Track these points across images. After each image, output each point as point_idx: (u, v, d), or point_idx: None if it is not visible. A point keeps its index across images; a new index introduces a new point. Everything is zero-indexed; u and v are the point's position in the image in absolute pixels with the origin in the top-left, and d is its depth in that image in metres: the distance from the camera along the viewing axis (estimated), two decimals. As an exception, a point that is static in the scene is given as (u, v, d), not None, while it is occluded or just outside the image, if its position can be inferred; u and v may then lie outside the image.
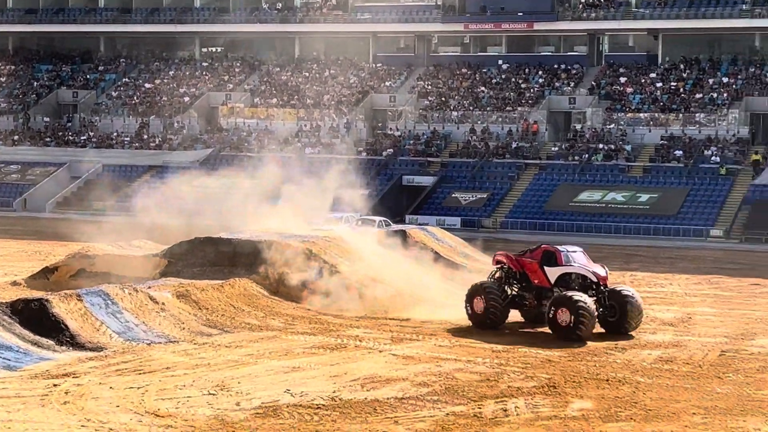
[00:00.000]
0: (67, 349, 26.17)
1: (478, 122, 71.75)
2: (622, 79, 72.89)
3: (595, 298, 29.87)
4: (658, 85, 71.63)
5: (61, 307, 27.45)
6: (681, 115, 68.02)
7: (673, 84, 71.31)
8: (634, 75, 73.27)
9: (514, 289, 31.35)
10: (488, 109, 72.83)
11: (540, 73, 75.60)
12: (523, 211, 63.26)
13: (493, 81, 75.78)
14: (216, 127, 77.06)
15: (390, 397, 22.37)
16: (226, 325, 30.20)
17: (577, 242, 37.71)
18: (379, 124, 75.30)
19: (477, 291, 30.88)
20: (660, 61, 74.21)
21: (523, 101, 72.80)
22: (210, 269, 35.46)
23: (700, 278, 44.32)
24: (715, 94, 69.16)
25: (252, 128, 75.41)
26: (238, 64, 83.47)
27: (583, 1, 75.65)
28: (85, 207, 67.58)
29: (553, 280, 30.55)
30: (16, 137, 79.31)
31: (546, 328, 30.04)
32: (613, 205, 62.17)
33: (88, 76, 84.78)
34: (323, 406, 21.66)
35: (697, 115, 67.73)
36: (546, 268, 30.71)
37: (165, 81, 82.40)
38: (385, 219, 49.97)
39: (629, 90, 71.74)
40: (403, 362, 25.97)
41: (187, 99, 79.96)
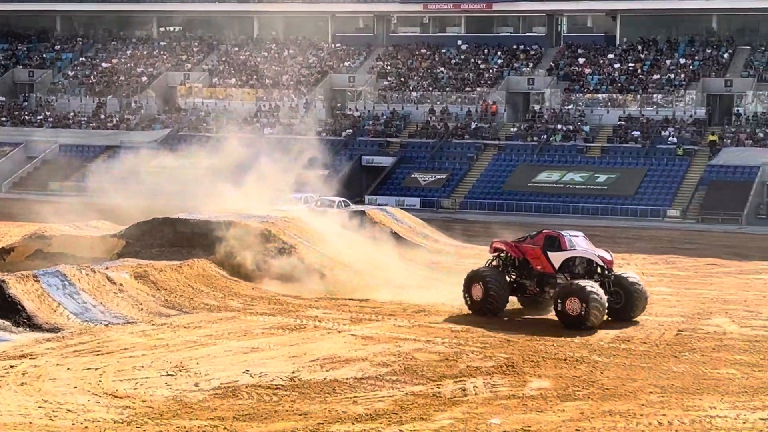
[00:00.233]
0: (24, 330, 25.95)
1: (438, 103, 71.79)
2: (581, 60, 73.15)
3: (600, 282, 29.05)
4: (616, 66, 71.96)
5: (18, 287, 27.19)
6: (639, 96, 68.42)
7: (630, 65, 71.68)
8: (593, 56, 73.55)
9: (513, 277, 30.61)
10: (447, 89, 72.85)
11: (499, 53, 75.69)
12: (482, 192, 63.44)
13: (452, 62, 75.80)
14: (174, 107, 76.55)
15: (349, 378, 22.38)
16: (185, 306, 30.07)
17: (535, 222, 37.76)
18: (339, 105, 75.14)
19: (475, 278, 30.07)
20: (618, 42, 74.59)
21: (482, 82, 72.89)
22: (168, 250, 35.23)
23: (657, 258, 44.64)
24: (673, 75, 69.60)
25: (210, 108, 74.98)
26: (196, 44, 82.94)
27: (542, -19, 75.88)
28: (42, 187, 67.10)
29: (557, 266, 29.72)
30: (-29, 117, 78.54)
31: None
32: (571, 186, 62.47)
33: (45, 56, 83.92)
34: (282, 386, 21.63)
35: (655, 96, 68.15)
36: (549, 253, 29.83)
37: (122, 60, 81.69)
38: (345, 199, 50.00)
39: (587, 71, 72.00)
40: (362, 342, 25.97)
41: (144, 78, 79.35)
